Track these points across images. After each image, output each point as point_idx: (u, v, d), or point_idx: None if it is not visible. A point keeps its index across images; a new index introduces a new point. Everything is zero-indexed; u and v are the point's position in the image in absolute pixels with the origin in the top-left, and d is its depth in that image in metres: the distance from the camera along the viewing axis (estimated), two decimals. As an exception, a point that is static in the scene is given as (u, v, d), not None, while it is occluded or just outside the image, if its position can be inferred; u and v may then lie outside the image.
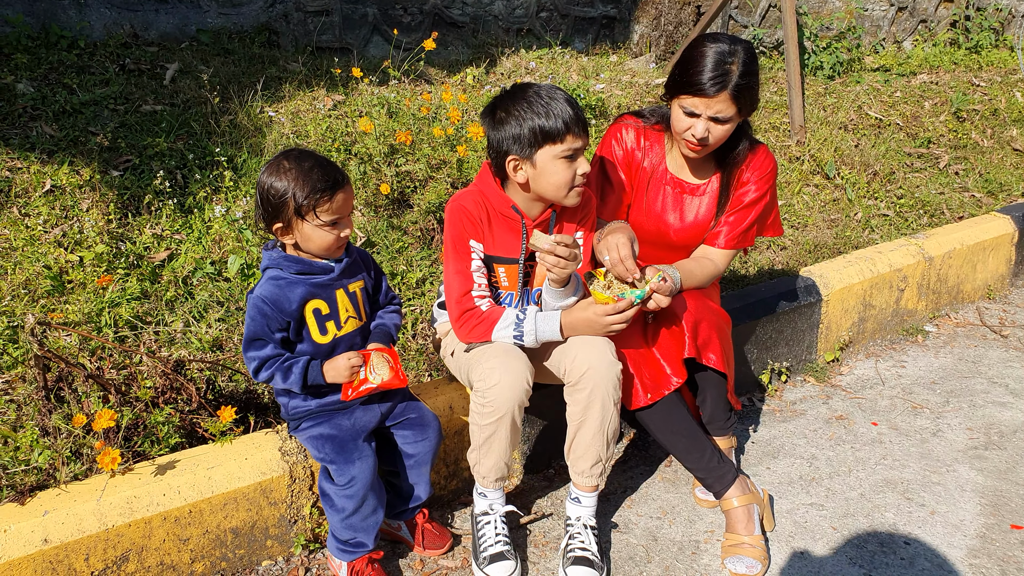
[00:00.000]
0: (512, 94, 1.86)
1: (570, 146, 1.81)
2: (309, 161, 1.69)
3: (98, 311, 2.33)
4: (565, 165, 1.83)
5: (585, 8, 5.26)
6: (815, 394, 2.88)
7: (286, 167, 1.68)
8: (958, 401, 2.83)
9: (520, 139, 1.82)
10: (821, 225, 3.67)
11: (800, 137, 4.21)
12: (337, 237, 1.72)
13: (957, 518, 2.20)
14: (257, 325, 1.72)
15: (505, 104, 1.85)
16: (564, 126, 1.79)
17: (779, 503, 2.27)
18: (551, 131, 1.79)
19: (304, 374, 1.73)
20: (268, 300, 1.71)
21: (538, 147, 1.81)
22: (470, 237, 1.91)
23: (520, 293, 2.00)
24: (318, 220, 1.68)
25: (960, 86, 5.28)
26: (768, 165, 2.19)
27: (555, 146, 1.81)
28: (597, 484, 1.99)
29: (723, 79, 1.92)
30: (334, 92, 3.71)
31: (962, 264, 3.49)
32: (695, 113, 1.98)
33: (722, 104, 1.95)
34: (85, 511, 1.70)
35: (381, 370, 1.78)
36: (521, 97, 1.83)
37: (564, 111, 1.79)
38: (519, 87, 1.87)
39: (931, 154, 4.50)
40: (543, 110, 1.79)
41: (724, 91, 1.93)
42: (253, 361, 1.73)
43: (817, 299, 2.95)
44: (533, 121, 1.80)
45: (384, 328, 1.90)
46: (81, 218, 2.63)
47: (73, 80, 3.36)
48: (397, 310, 1.96)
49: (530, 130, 1.80)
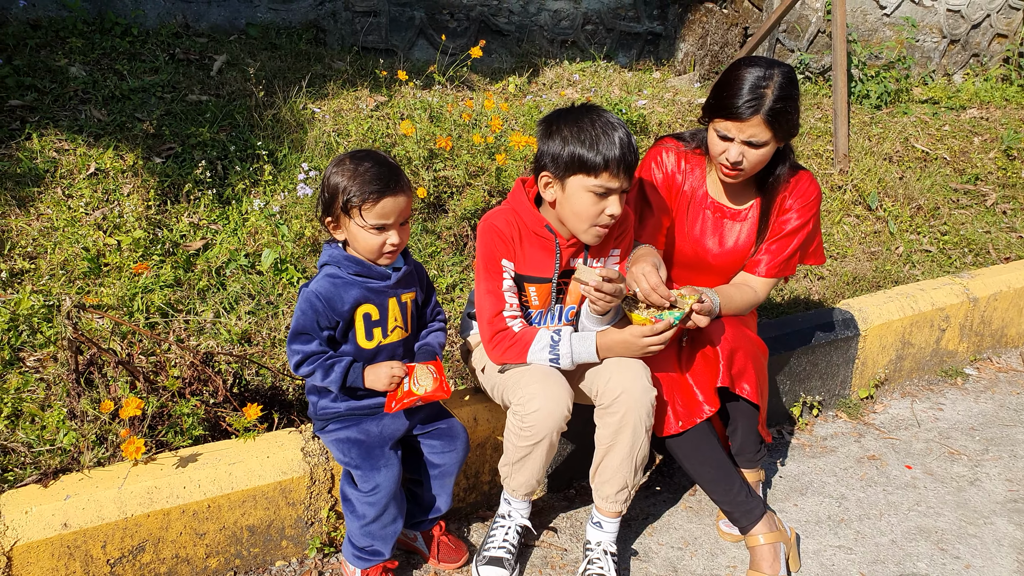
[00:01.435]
0: (572, 112, 1.82)
1: (603, 184, 1.77)
2: (370, 162, 1.69)
3: (131, 296, 2.34)
4: (593, 200, 1.79)
5: (631, 23, 5.23)
6: (847, 431, 2.80)
7: (347, 164, 1.69)
8: (998, 450, 2.73)
9: (558, 159, 1.79)
10: (861, 257, 3.59)
11: (843, 166, 4.13)
12: (383, 243, 1.71)
13: (993, 574, 2.12)
14: (307, 319, 1.71)
15: (561, 120, 1.82)
16: (603, 163, 1.75)
17: (806, 543, 2.20)
18: (588, 163, 1.75)
19: (345, 374, 1.72)
20: (322, 296, 1.70)
21: (572, 173, 1.78)
22: (502, 256, 1.88)
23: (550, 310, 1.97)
24: (362, 220, 1.67)
25: (1012, 123, 5.15)
26: (812, 192, 2.13)
27: (588, 178, 1.77)
28: (621, 510, 1.94)
29: (757, 103, 1.88)
30: (377, 93, 3.71)
31: (1008, 307, 3.38)
32: (729, 137, 1.95)
33: (756, 128, 1.91)
34: (106, 498, 1.69)
35: (425, 381, 1.76)
36: (577, 119, 1.79)
37: (611, 148, 1.75)
38: (583, 108, 1.83)
39: (978, 191, 4.39)
40: (590, 140, 1.75)
41: (757, 115, 1.89)
42: (297, 355, 1.72)
43: (855, 333, 2.88)
44: (576, 147, 1.76)
45: (428, 348, 1.87)
46: (122, 202, 2.65)
47: (124, 66, 3.41)
48: (442, 328, 1.93)
49: (570, 154, 1.77)
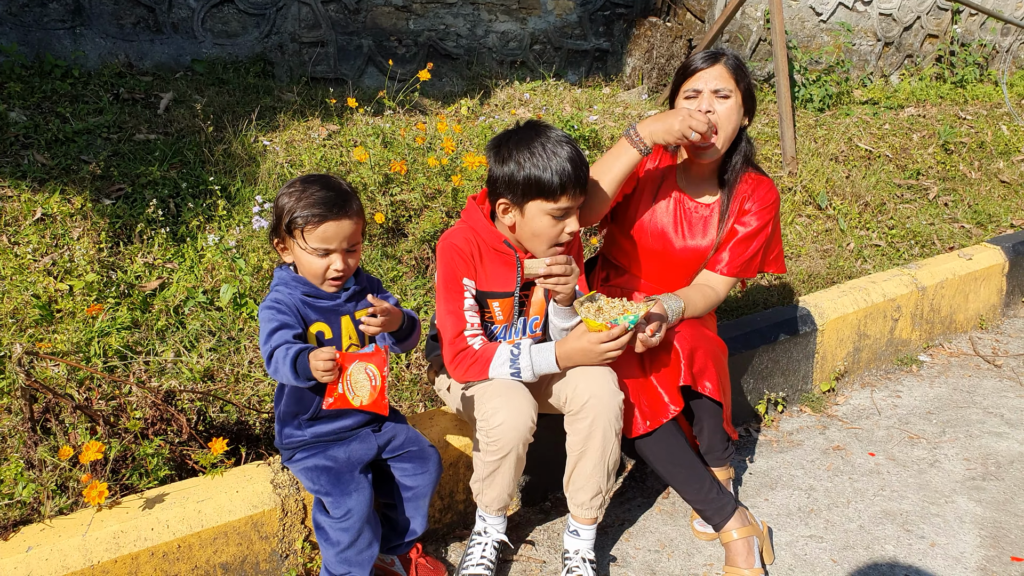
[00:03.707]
0: (521, 135, 1.83)
1: (562, 206, 1.80)
2: (318, 185, 1.68)
3: (87, 341, 2.29)
4: (552, 222, 1.82)
5: (578, 41, 5.33)
6: (812, 424, 2.86)
7: (297, 186, 1.69)
8: (954, 431, 2.82)
9: (514, 186, 1.80)
10: (814, 255, 3.69)
11: (792, 168, 4.25)
12: (326, 267, 1.69)
13: (957, 550, 2.18)
14: (275, 317, 1.65)
15: (511, 143, 1.82)
16: (560, 186, 1.77)
17: (778, 535, 2.23)
18: (546, 188, 1.77)
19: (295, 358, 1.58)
20: (281, 301, 1.69)
21: (530, 199, 1.80)
22: (463, 275, 1.90)
23: (513, 323, 1.99)
24: (304, 243, 1.67)
25: (947, 119, 5.37)
26: (771, 197, 2.20)
27: (547, 203, 1.79)
28: (596, 516, 1.96)
29: (715, 55, 2.03)
30: (329, 122, 3.72)
31: (954, 294, 3.50)
32: (697, 90, 2.03)
33: (719, 77, 2.02)
34: (70, 547, 1.65)
35: (360, 391, 1.57)
36: (527, 142, 1.80)
37: (564, 169, 1.76)
38: (530, 129, 1.84)
39: (920, 185, 4.55)
40: (543, 163, 1.76)
41: (719, 63, 2.02)
42: (271, 349, 1.62)
43: (812, 329, 2.95)
44: (531, 172, 1.77)
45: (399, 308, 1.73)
46: (72, 247, 2.61)
47: (66, 109, 3.36)
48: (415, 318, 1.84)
49: (526, 180, 1.78)
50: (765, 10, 5.36)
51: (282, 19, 4.32)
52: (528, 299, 2.00)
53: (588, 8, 5.28)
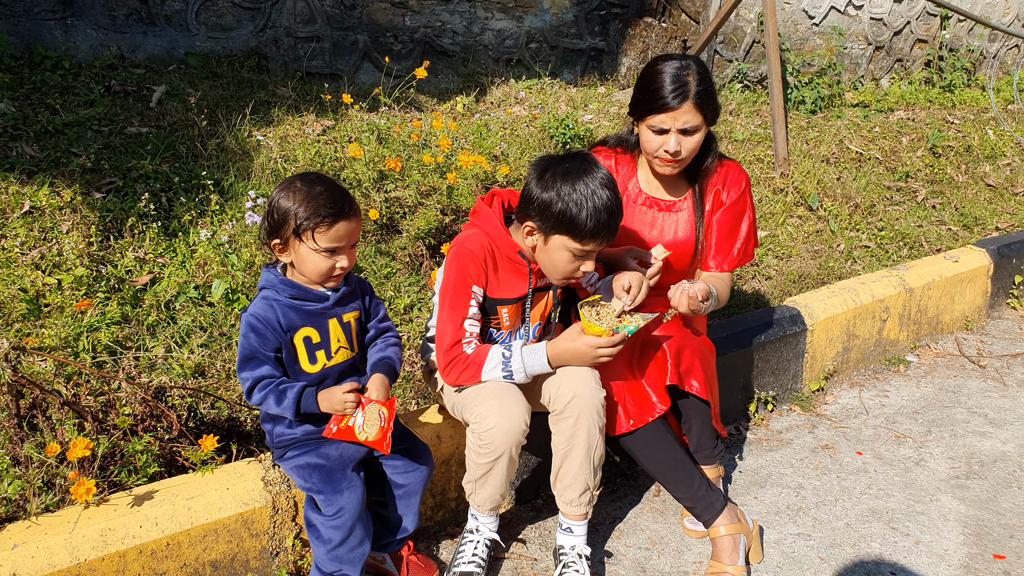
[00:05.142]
0: (568, 166, 1.80)
1: (587, 248, 1.81)
2: (322, 185, 1.67)
3: (76, 336, 2.28)
4: (571, 258, 1.83)
5: (574, 40, 5.34)
6: (801, 423, 2.88)
7: (297, 187, 1.67)
8: (940, 431, 2.85)
9: (547, 215, 1.79)
10: (805, 256, 3.71)
11: (784, 169, 4.27)
12: (332, 266, 1.70)
13: (941, 548, 2.20)
14: (251, 343, 1.68)
15: (556, 171, 1.80)
16: (591, 232, 1.77)
17: (767, 533, 2.25)
18: (577, 229, 1.77)
19: (298, 400, 1.69)
20: (261, 318, 1.68)
21: (558, 232, 1.80)
22: (473, 283, 1.89)
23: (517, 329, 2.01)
24: (314, 244, 1.66)
25: (935, 123, 5.41)
26: (742, 179, 2.25)
27: (572, 242, 1.79)
28: (586, 512, 1.98)
29: (684, 90, 1.99)
30: (323, 117, 3.71)
31: (941, 295, 3.54)
32: (664, 129, 2.04)
33: (688, 114, 2.01)
34: (56, 544, 1.64)
35: (370, 428, 1.72)
36: (572, 176, 1.77)
37: (599, 215, 1.75)
38: (580, 162, 1.81)
39: (909, 188, 4.58)
40: (579, 203, 1.75)
41: (687, 101, 1.99)
42: (247, 381, 1.69)
43: (802, 329, 2.97)
44: (568, 208, 1.75)
45: (388, 361, 1.83)
46: (61, 240, 2.59)
47: (56, 100, 3.33)
48: (398, 342, 1.91)
49: (560, 213, 1.77)
50: (759, 12, 5.38)
51: (277, 13, 4.30)
52: (532, 305, 2.01)
53: (584, 7, 5.28)
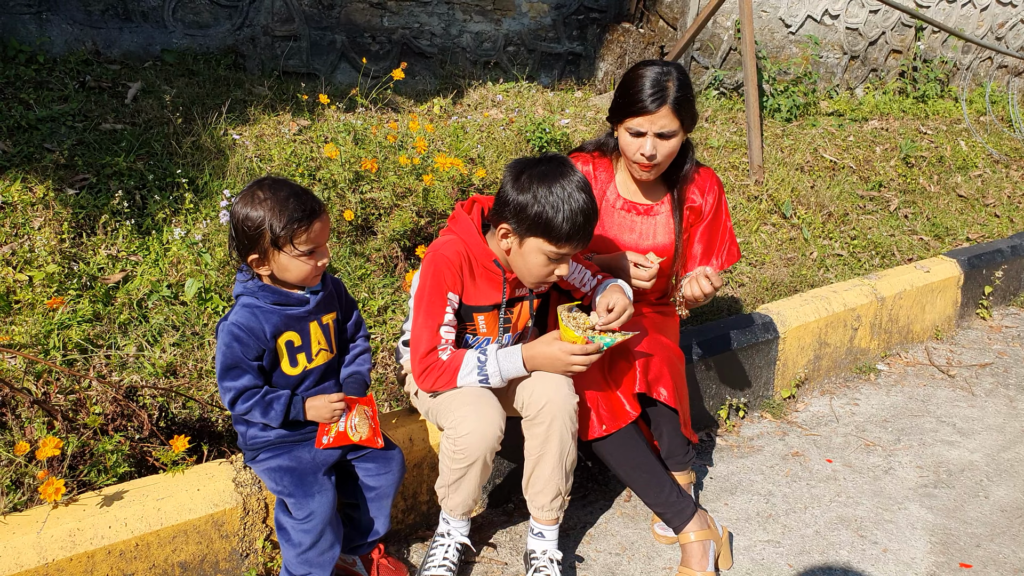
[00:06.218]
0: (544, 169, 1.81)
1: (562, 252, 1.81)
2: (285, 190, 1.65)
3: (46, 333, 2.25)
4: (546, 262, 1.83)
5: (552, 44, 5.36)
6: (772, 430, 2.92)
7: (261, 197, 1.63)
8: (908, 439, 2.90)
9: (523, 218, 1.79)
10: (778, 263, 3.76)
11: (759, 177, 4.32)
12: (314, 266, 1.70)
13: (908, 556, 2.24)
14: (233, 353, 1.67)
15: (533, 173, 1.80)
16: (567, 235, 1.77)
17: (737, 540, 2.28)
18: (552, 232, 1.77)
19: (287, 410, 1.69)
20: (243, 327, 1.67)
21: (533, 235, 1.80)
22: (448, 289, 1.89)
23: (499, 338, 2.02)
24: (295, 251, 1.65)
25: (908, 133, 5.51)
26: (715, 183, 2.32)
27: (547, 244, 1.80)
28: (558, 517, 1.99)
29: (662, 95, 2.02)
30: (300, 117, 3.69)
31: (912, 305, 3.60)
32: (641, 132, 2.07)
33: (665, 119, 2.04)
34: (24, 544, 1.62)
35: (362, 428, 1.77)
36: (548, 179, 1.78)
37: (576, 218, 1.76)
38: (556, 165, 1.82)
39: (882, 197, 4.66)
40: (556, 206, 1.75)
41: (665, 105, 2.03)
42: (229, 392, 1.67)
43: (774, 336, 3.01)
44: (543, 211, 1.76)
45: (360, 377, 1.87)
46: (32, 236, 2.55)
47: (30, 95, 3.29)
48: (368, 349, 1.92)
49: (536, 216, 1.77)
50: (736, 20, 5.45)
51: (255, 12, 4.27)
52: (513, 316, 2.02)
53: (562, 12, 5.31)
